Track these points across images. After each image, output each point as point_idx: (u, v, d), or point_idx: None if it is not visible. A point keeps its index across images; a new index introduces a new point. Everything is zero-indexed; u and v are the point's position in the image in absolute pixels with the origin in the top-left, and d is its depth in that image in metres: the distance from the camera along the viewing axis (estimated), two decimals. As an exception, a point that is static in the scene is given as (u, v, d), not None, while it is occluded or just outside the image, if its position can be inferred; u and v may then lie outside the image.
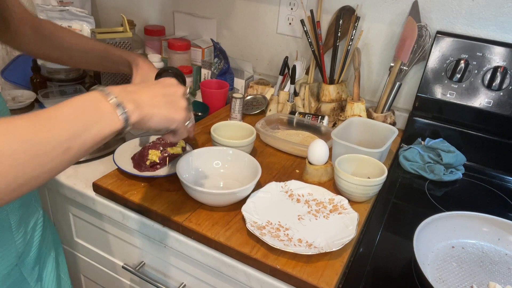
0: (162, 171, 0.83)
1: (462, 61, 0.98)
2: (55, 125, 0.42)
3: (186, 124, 0.58)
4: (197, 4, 1.38)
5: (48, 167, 0.41)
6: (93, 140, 0.45)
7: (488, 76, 0.97)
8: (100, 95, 0.47)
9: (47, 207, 0.96)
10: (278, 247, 0.64)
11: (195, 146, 0.94)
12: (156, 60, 1.24)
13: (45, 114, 0.42)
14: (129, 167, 0.82)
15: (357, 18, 1.08)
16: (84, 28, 1.28)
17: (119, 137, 0.48)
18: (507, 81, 0.95)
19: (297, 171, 0.91)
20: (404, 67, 1.07)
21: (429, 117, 1.06)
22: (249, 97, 1.21)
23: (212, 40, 1.24)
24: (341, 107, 1.15)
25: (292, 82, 1.11)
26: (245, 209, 0.73)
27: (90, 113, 0.45)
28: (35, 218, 0.64)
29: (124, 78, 1.19)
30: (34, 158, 0.39)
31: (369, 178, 0.80)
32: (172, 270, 0.81)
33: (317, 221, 0.74)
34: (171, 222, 0.73)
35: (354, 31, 1.09)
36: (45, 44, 0.81)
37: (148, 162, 0.82)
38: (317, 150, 0.85)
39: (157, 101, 0.53)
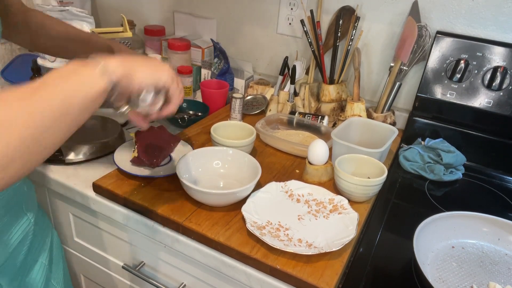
0: (162, 171, 0.83)
1: (462, 61, 0.98)
2: (47, 92, 0.42)
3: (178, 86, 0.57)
4: (197, 4, 1.38)
5: (48, 137, 0.41)
6: (83, 102, 0.45)
7: (488, 76, 0.97)
8: (82, 59, 0.47)
9: (47, 207, 0.96)
10: (278, 247, 0.64)
11: (195, 146, 0.94)
12: (156, 60, 1.24)
13: (36, 84, 0.42)
14: (129, 167, 0.82)
15: (357, 18, 1.08)
16: (84, 28, 1.28)
17: (110, 100, 0.49)
18: (507, 81, 0.95)
19: (297, 171, 0.91)
20: (404, 67, 1.07)
21: (429, 117, 1.06)
22: (249, 97, 1.21)
23: (212, 40, 1.24)
24: (341, 107, 1.15)
25: (292, 82, 1.11)
26: (245, 209, 0.73)
27: (74, 75, 0.45)
28: (21, 226, 0.62)
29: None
30: (36, 128, 0.39)
31: (369, 178, 0.80)
32: (172, 270, 0.81)
33: (317, 221, 0.74)
34: (171, 222, 0.73)
35: (354, 31, 1.09)
36: (34, 34, 0.82)
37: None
38: (317, 150, 0.85)
39: (140, 61, 0.53)
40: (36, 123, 0.39)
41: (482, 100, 0.99)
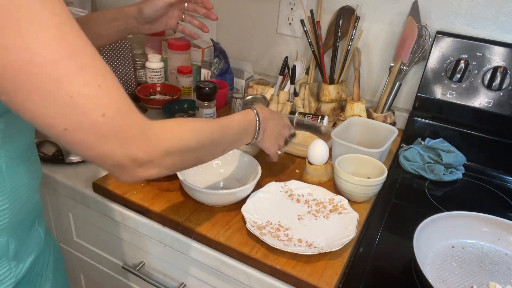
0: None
1: (462, 61, 0.98)
2: (229, 133, 0.64)
3: (279, 153, 0.83)
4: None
5: (209, 158, 0.61)
6: (236, 147, 0.70)
7: (488, 76, 0.97)
8: (254, 120, 0.70)
9: (47, 207, 0.96)
10: (278, 247, 0.64)
11: None
12: (156, 60, 1.24)
13: (225, 124, 0.63)
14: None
15: (357, 18, 1.08)
16: (84, 28, 1.28)
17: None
18: (507, 81, 0.95)
19: (297, 171, 0.91)
20: (404, 67, 1.07)
21: (429, 117, 1.06)
22: (249, 97, 1.21)
23: (212, 40, 1.24)
24: (341, 107, 1.15)
25: (292, 82, 1.11)
26: (245, 209, 0.73)
27: (245, 133, 0.69)
28: (35, 242, 0.61)
29: (123, 78, 1.18)
30: (211, 152, 0.60)
31: (369, 178, 0.80)
32: (172, 270, 0.81)
33: (317, 221, 0.74)
34: (171, 222, 0.73)
35: (354, 31, 1.09)
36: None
37: None
38: (317, 150, 0.85)
39: (272, 135, 0.77)
40: (212, 151, 0.61)
41: (482, 100, 0.99)
